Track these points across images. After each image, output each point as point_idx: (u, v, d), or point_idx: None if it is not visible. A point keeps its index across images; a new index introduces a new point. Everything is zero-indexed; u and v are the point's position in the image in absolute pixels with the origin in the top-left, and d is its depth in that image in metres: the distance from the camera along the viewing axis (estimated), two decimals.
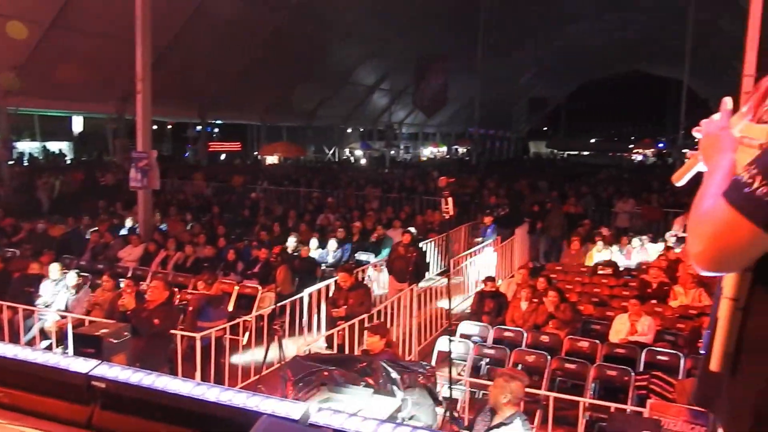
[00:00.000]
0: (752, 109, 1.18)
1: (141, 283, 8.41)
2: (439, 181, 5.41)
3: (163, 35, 17.32)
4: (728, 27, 25.65)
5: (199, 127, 25.73)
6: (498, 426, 4.18)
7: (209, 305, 6.73)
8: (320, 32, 23.02)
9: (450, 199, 4.93)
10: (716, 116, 1.24)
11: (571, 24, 36.93)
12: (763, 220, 0.99)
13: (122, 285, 7.30)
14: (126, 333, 4.05)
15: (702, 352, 1.23)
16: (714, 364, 1.15)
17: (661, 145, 47.71)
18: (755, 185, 0.99)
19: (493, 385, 4.36)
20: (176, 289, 8.21)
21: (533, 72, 44.37)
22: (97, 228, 11.50)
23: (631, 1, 32.17)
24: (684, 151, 28.84)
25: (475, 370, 6.76)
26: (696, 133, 1.27)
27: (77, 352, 3.99)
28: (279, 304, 7.86)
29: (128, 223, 11.82)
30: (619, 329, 7.11)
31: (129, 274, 9.25)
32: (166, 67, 17.74)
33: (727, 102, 1.23)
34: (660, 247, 10.95)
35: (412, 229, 10.52)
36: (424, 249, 10.45)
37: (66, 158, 25.31)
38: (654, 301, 8.17)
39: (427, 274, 10.09)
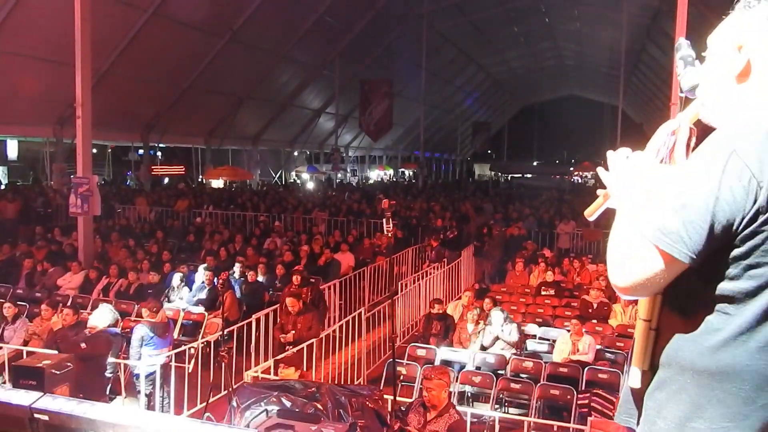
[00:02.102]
0: (668, 155, 1.31)
1: (81, 311, 8.19)
2: (382, 203, 5.55)
3: (103, 58, 17.07)
4: (657, 54, 27.03)
5: (141, 150, 25.21)
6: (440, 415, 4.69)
7: (154, 333, 6.60)
8: (262, 56, 23.08)
9: (391, 221, 5.05)
10: (620, 154, 1.36)
11: (509, 51, 38.23)
12: (671, 248, 1.11)
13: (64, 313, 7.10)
14: (68, 364, 3.95)
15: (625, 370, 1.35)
16: (633, 381, 1.27)
17: (599, 167, 49.42)
18: (664, 216, 1.12)
19: (434, 384, 4.77)
20: (119, 317, 8.04)
21: (475, 96, 45.51)
22: (31, 254, 11.11)
23: (564, 31, 33.52)
24: None
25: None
26: (601, 172, 1.39)
27: (18, 385, 3.87)
28: (226, 330, 7.77)
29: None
30: (562, 349, 7.34)
31: (69, 302, 8.98)
32: (107, 90, 17.42)
33: (626, 151, 1.36)
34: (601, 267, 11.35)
35: (300, 270, 9.19)
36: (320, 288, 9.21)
37: (0, 184, 24.33)
38: (595, 321, 8.47)
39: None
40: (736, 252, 1.12)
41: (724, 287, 1.14)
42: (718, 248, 1.11)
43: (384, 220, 5.08)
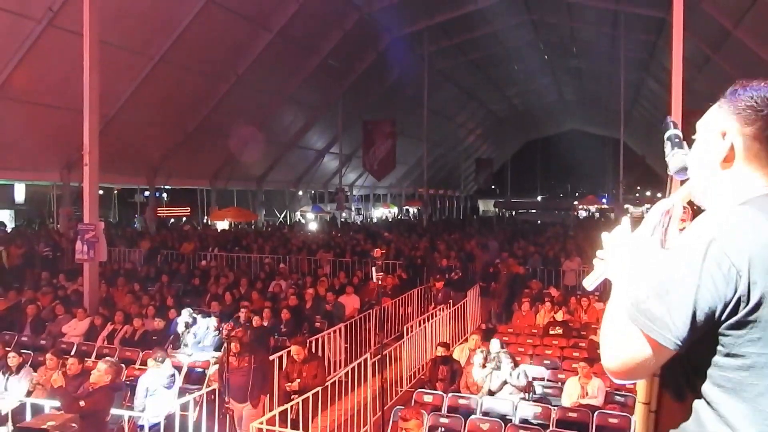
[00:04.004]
0: (663, 234, 1.34)
1: (86, 359, 8.16)
2: (374, 253, 5.63)
3: (110, 104, 17.37)
4: (656, 88, 27.33)
5: (147, 193, 25.40)
6: None
7: (159, 383, 6.56)
8: (267, 98, 23.43)
9: (381, 271, 5.15)
10: (621, 230, 1.38)
11: (510, 87, 38.72)
12: (657, 335, 1.13)
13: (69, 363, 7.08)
14: (73, 425, 3.93)
15: None
16: None
17: (603, 200, 49.58)
18: (650, 303, 1.14)
19: (412, 424, 5.10)
20: (123, 366, 8.01)
21: (478, 133, 45.92)
22: (36, 301, 11.11)
23: (564, 67, 33.98)
24: (626, 207, 30.00)
25: None
26: (604, 239, 1.41)
27: None
28: None
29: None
30: (571, 392, 7.25)
31: (73, 351, 8.95)
32: (114, 134, 17.67)
33: (626, 221, 1.39)
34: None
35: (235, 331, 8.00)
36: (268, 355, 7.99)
37: (6, 227, 24.47)
38: None
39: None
40: (722, 340, 1.13)
41: (713, 375, 1.15)
42: (705, 336, 1.13)
43: (374, 269, 5.14)
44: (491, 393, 7.46)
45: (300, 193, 36.11)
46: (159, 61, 17.90)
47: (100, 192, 14.82)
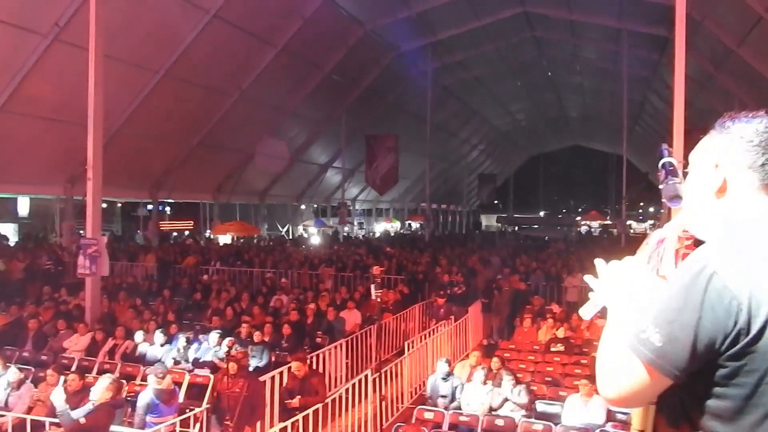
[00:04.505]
0: (659, 263, 1.35)
1: (87, 375, 8.14)
2: (373, 270, 5.64)
3: (114, 119, 17.48)
4: (659, 105, 27.42)
5: (150, 206, 25.47)
6: None
7: (159, 400, 6.54)
8: (270, 113, 23.56)
9: (380, 289, 5.14)
10: (610, 265, 1.39)
11: (513, 103, 38.90)
12: (656, 364, 1.14)
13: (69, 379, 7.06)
14: None
15: None
16: None
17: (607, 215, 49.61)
18: (650, 333, 1.15)
19: None
20: (124, 381, 7.99)
21: (481, 149, 46.03)
22: (37, 315, 11.09)
23: (567, 84, 34.12)
24: (629, 223, 29.89)
25: None
26: (590, 279, 1.42)
27: None
28: None
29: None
30: (572, 410, 7.20)
31: (74, 366, 8.93)
32: (117, 149, 17.77)
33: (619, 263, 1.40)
34: None
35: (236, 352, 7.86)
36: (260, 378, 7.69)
37: (9, 241, 24.54)
38: None
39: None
40: (720, 371, 1.14)
41: (710, 405, 1.16)
42: (703, 366, 1.14)
43: (373, 286, 5.14)
44: (492, 410, 7.42)
45: (303, 207, 36.18)
46: (163, 75, 18.03)
47: (104, 205, 14.86)
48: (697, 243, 1.26)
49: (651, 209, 51.93)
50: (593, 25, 23.01)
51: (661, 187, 1.43)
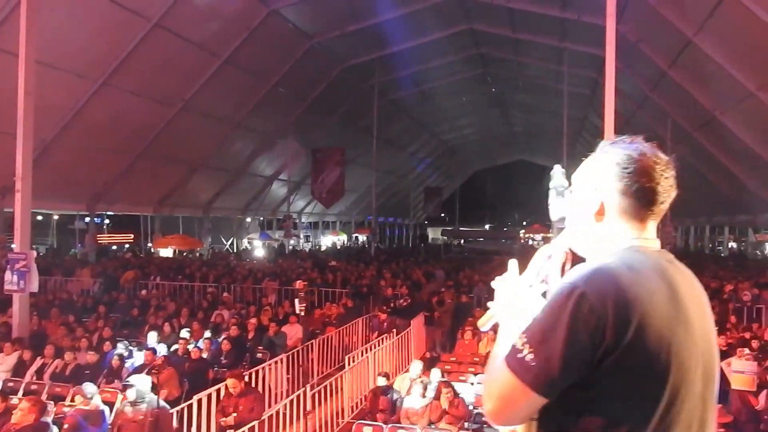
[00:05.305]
0: (546, 279, 1.38)
1: (11, 397, 7.78)
2: (296, 284, 5.60)
3: (50, 128, 16.88)
4: (598, 123, 28.32)
5: (87, 219, 24.65)
6: None
7: (87, 421, 6.29)
8: (215, 125, 23.22)
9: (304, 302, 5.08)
10: (504, 279, 1.43)
11: (459, 119, 39.52)
12: (531, 382, 1.16)
13: None
14: None
15: None
16: None
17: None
18: (525, 352, 1.18)
19: None
20: (51, 403, 7.66)
21: (428, 162, 46.49)
22: None
23: (511, 100, 34.88)
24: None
25: None
26: (494, 286, 1.45)
27: None
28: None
29: None
30: None
31: None
32: (53, 159, 17.19)
33: (513, 263, 1.44)
34: None
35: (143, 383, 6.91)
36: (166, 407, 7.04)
37: None
38: None
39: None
40: (589, 389, 1.18)
41: (586, 418, 1.19)
42: (575, 383, 1.17)
43: (297, 300, 5.10)
44: (431, 423, 7.44)
45: (248, 220, 35.70)
46: (102, 84, 17.53)
47: (39, 218, 14.27)
48: (579, 261, 1.30)
49: None
50: (536, 43, 23.63)
51: (549, 207, 1.47)
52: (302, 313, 4.99)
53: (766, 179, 20.72)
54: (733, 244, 36.43)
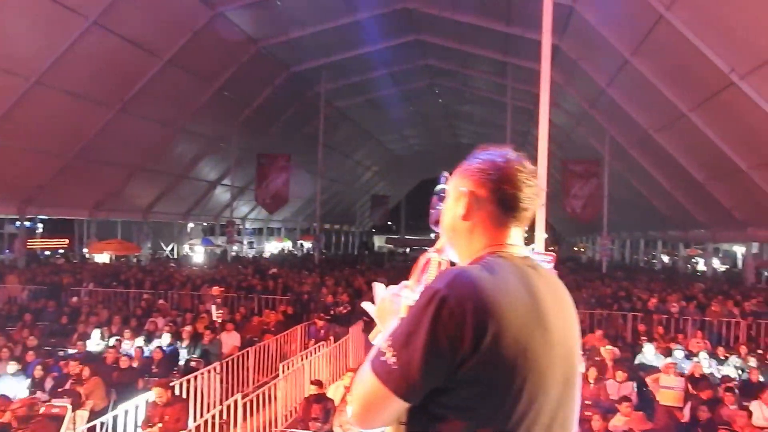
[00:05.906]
0: (417, 280, 1.39)
1: None
2: (212, 290, 5.52)
3: None
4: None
5: (18, 223, 23.62)
6: None
7: None
8: (156, 127, 22.67)
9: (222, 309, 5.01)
10: (381, 287, 1.43)
11: (407, 128, 39.80)
12: (393, 386, 1.16)
13: None
14: None
15: None
16: None
17: None
18: (388, 354, 1.17)
19: None
20: None
21: (375, 170, 46.62)
22: None
23: (458, 111, 35.34)
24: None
25: None
26: (367, 306, 1.45)
27: None
28: (89, 424, 7.21)
29: None
30: None
31: None
32: None
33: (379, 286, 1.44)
34: None
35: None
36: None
37: None
38: None
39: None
40: (451, 393, 1.18)
41: (443, 428, 1.19)
42: (438, 388, 1.17)
43: (214, 307, 5.02)
44: None
45: (190, 225, 34.94)
46: (35, 83, 16.84)
47: None
48: (453, 265, 1.31)
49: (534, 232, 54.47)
50: (482, 57, 24.05)
51: (431, 212, 1.48)
52: (220, 320, 4.87)
53: (696, 197, 21.58)
54: (665, 258, 37.80)
